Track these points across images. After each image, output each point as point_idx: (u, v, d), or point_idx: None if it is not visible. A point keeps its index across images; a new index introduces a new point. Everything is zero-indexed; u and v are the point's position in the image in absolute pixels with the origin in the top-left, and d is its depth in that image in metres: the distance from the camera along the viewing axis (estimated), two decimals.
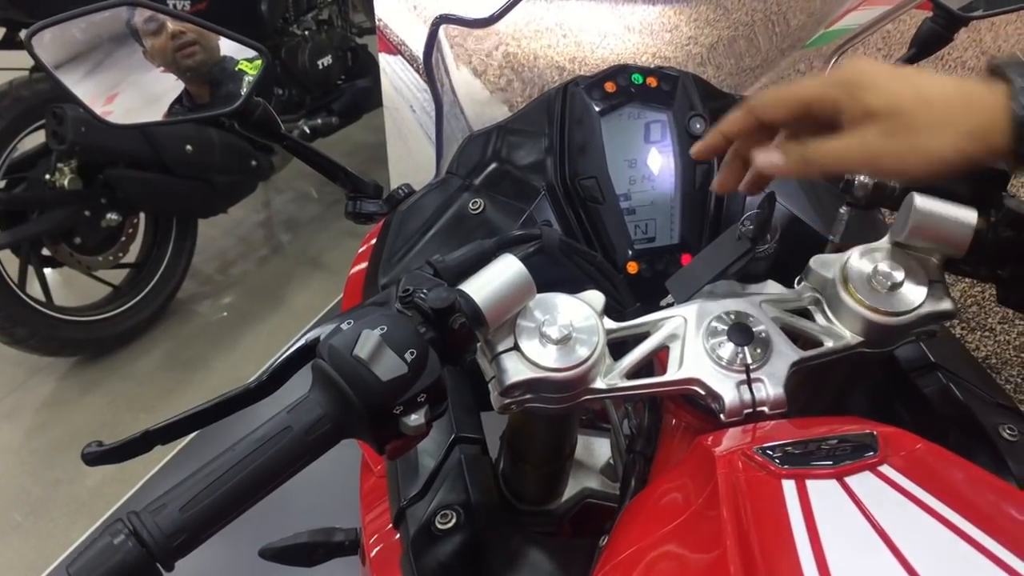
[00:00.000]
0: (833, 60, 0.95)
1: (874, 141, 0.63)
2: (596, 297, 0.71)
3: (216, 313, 2.99)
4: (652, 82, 0.91)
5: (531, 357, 0.66)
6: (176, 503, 0.55)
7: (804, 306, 0.75)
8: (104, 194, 2.55)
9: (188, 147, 2.58)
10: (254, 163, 2.83)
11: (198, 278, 3.10)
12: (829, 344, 0.71)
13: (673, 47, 1.92)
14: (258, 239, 3.37)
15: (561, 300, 0.69)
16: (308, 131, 3.11)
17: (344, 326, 0.63)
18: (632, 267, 0.88)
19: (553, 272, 0.78)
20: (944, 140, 0.61)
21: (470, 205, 0.91)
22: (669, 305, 0.76)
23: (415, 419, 0.60)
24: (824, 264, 0.74)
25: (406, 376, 0.58)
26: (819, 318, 0.74)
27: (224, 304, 3.03)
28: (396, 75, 2.69)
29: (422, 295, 0.65)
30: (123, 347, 2.76)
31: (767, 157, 0.69)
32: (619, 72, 0.91)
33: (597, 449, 0.93)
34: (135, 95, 1.19)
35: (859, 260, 0.73)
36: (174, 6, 2.68)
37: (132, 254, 2.80)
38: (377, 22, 2.64)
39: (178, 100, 1.14)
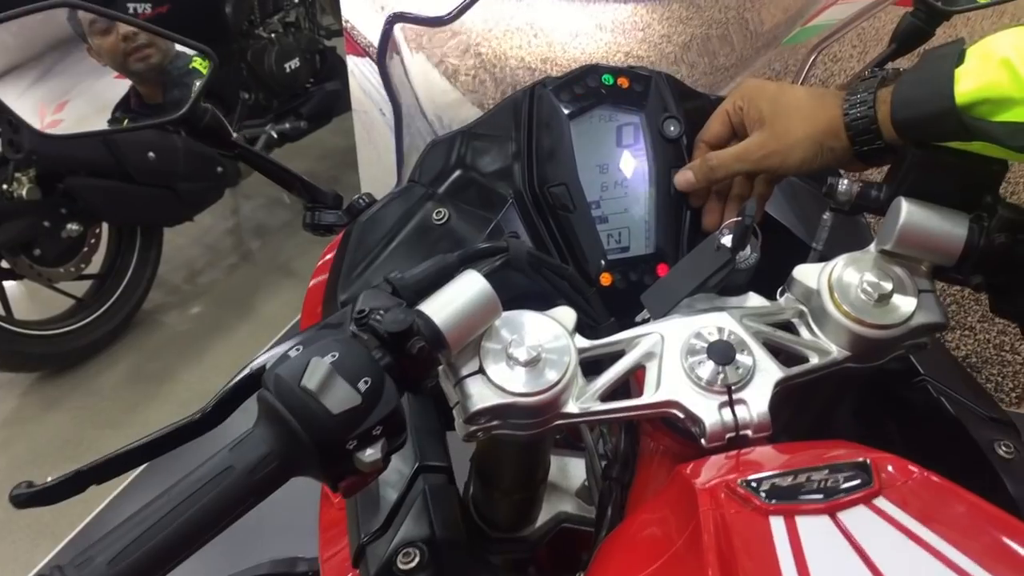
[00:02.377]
0: (812, 57, 0.91)
1: (762, 143, 0.78)
2: (567, 314, 0.67)
3: (183, 324, 2.92)
4: (623, 83, 0.86)
5: (497, 381, 0.61)
6: (104, 555, 0.50)
7: (787, 319, 0.71)
8: (64, 204, 2.47)
9: (151, 154, 2.51)
10: (220, 169, 2.76)
11: (164, 288, 3.02)
12: (815, 360, 0.67)
13: (646, 46, 1.89)
14: (226, 247, 3.29)
15: (529, 318, 0.65)
16: (275, 136, 3.05)
17: (292, 353, 0.58)
18: (605, 279, 0.84)
19: (520, 287, 0.74)
20: (805, 141, 0.76)
21: (434, 215, 0.87)
22: (645, 321, 0.72)
23: (371, 454, 0.55)
24: (808, 274, 0.71)
25: (359, 408, 0.54)
26: (804, 332, 0.70)
27: (192, 314, 2.96)
28: (365, 78, 2.63)
29: (378, 317, 0.60)
30: (87, 361, 2.69)
31: (680, 176, 0.84)
32: (588, 72, 0.86)
33: (572, 471, 0.88)
34: (83, 102, 1.13)
35: (844, 269, 0.69)
36: (134, 10, 2.61)
37: (95, 265, 2.72)
38: (344, 23, 2.57)
39: (124, 102, 1.09)
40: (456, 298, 0.62)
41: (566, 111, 0.85)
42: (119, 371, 2.69)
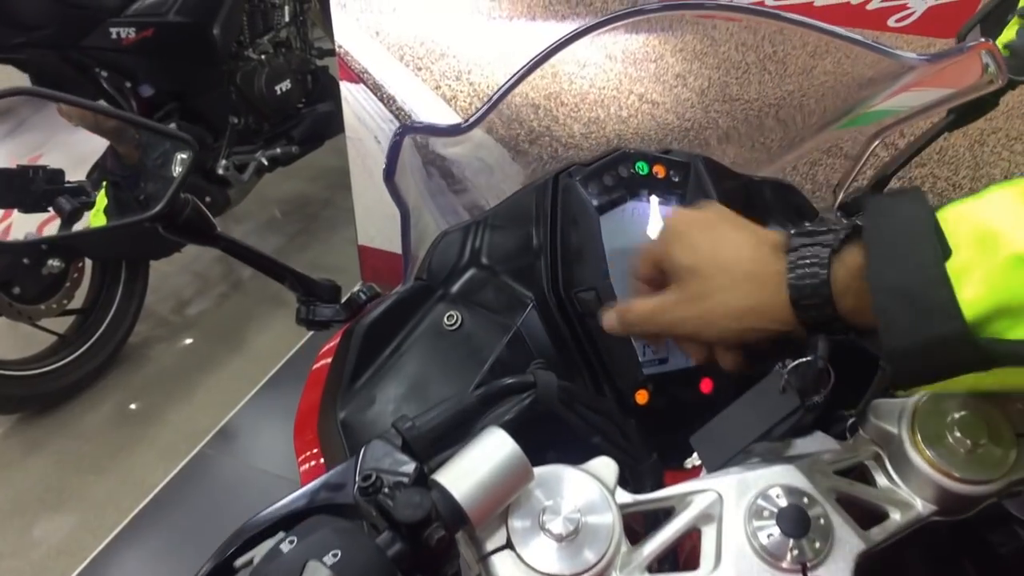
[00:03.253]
0: (873, 146, 0.82)
1: (674, 305, 0.62)
2: (606, 468, 0.57)
3: (171, 358, 2.80)
4: (659, 171, 0.77)
5: (529, 560, 0.52)
6: None
7: (861, 462, 0.62)
8: (44, 240, 2.35)
9: None
10: (208, 199, 2.65)
11: (151, 320, 2.91)
12: (896, 516, 0.58)
13: (661, 87, 1.79)
14: (216, 275, 3.18)
15: (566, 476, 0.55)
16: (266, 162, 2.93)
17: (284, 547, 0.48)
18: (641, 396, 0.74)
19: (548, 424, 0.64)
20: (731, 311, 0.59)
21: (445, 319, 0.76)
22: (695, 468, 0.62)
23: None
24: (886, 412, 0.61)
25: None
26: (880, 479, 0.61)
27: (180, 348, 2.85)
28: (359, 104, 2.54)
29: (387, 495, 0.50)
30: (70, 401, 2.57)
31: (605, 318, 0.68)
32: (621, 160, 0.76)
33: None
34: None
35: (930, 408, 0.59)
36: (117, 35, 2.50)
37: (78, 299, 2.61)
38: (337, 49, 2.48)
39: (101, 164, 0.99)
40: (480, 466, 0.52)
41: (595, 203, 0.75)
42: (104, 412, 2.58)
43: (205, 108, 2.78)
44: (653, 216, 0.75)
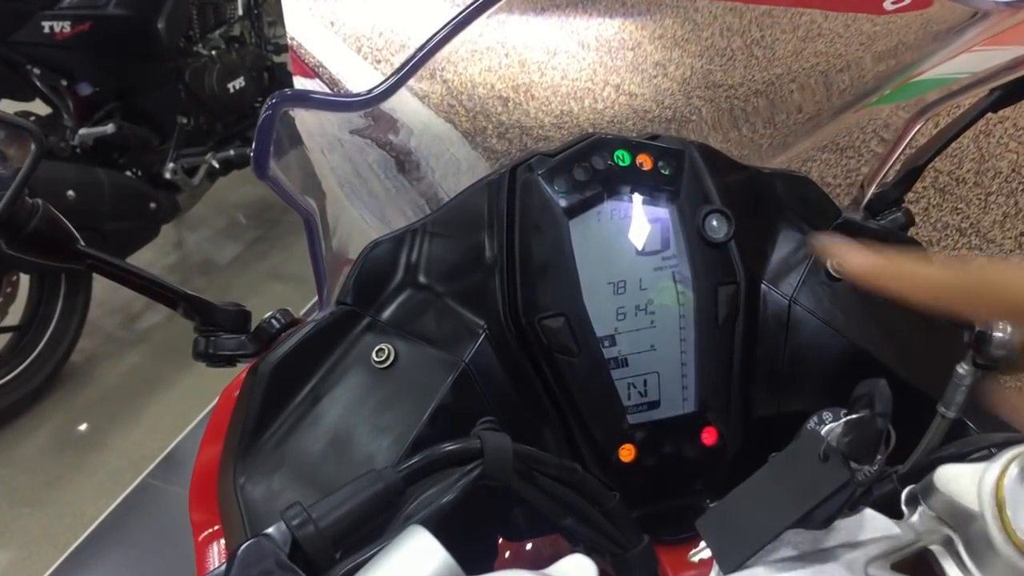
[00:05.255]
0: (918, 126, 0.65)
1: None
2: (582, 571, 0.41)
3: (117, 378, 2.60)
4: (644, 161, 0.60)
5: None
6: None
7: (924, 547, 0.46)
8: None
9: (70, 193, 2.20)
10: (153, 205, 2.46)
11: (96, 336, 2.71)
12: None
13: (640, 76, 1.63)
14: None
15: None
16: (217, 165, 2.74)
17: None
18: (627, 452, 0.58)
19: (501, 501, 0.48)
20: None
21: (374, 355, 0.60)
22: (704, 561, 0.46)
23: None
24: (957, 483, 0.45)
25: None
26: (951, 568, 0.45)
27: (126, 366, 2.65)
28: None
29: None
30: (4, 427, 2.36)
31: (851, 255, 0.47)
32: (595, 149, 0.59)
33: None
34: None
35: (1020, 475, 0.43)
36: (50, 29, 2.31)
37: (14, 315, 2.41)
38: (289, 41, 2.29)
39: None
40: None
41: (563, 204, 0.58)
42: (41, 437, 2.38)
43: (150, 108, 2.59)
44: (637, 220, 0.59)
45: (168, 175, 2.60)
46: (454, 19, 0.55)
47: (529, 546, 0.80)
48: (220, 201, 3.27)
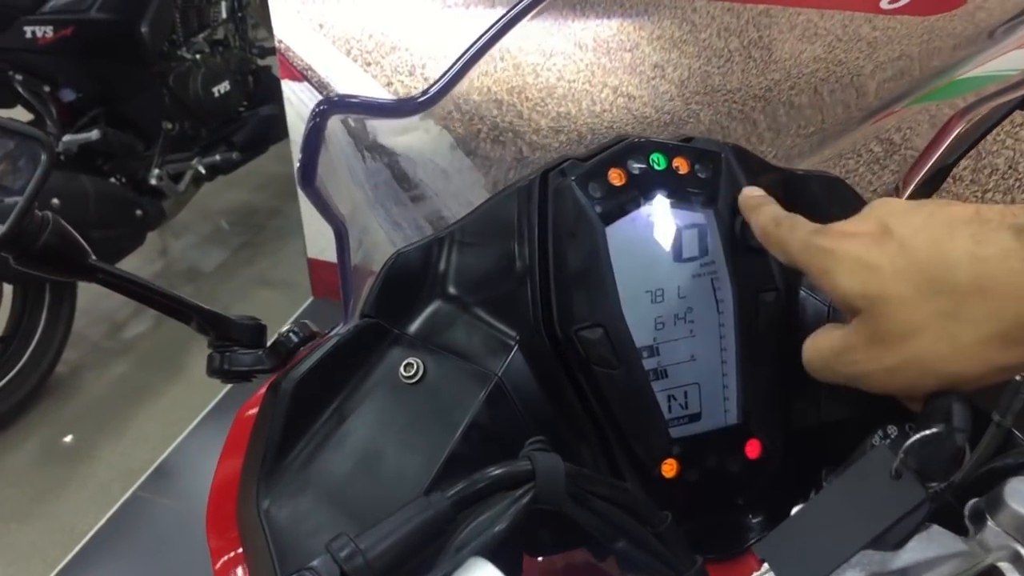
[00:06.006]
0: (959, 127, 0.63)
1: (864, 347, 0.45)
2: None
3: (103, 389, 2.55)
4: (681, 165, 0.58)
5: None
6: None
7: (992, 565, 0.44)
8: None
9: (55, 201, 2.16)
10: (139, 212, 2.42)
11: (81, 346, 2.65)
12: None
13: (638, 78, 1.60)
14: None
15: None
16: (203, 171, 2.70)
17: None
18: (669, 467, 0.55)
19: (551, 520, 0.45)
20: (962, 350, 0.42)
21: (402, 370, 0.57)
22: None
23: None
24: None
25: None
26: None
27: (113, 377, 2.60)
28: (304, 105, 2.32)
29: None
30: None
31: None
32: (630, 152, 0.57)
33: None
34: None
35: None
36: (32, 34, 2.27)
37: None
38: (277, 44, 2.26)
39: None
40: None
41: (598, 210, 0.56)
42: (28, 450, 2.33)
43: (135, 113, 2.55)
44: (675, 226, 0.56)
45: (153, 181, 2.56)
46: (497, 23, 0.53)
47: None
48: (205, 207, 3.22)
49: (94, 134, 2.35)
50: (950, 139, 0.64)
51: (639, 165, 0.57)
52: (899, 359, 0.42)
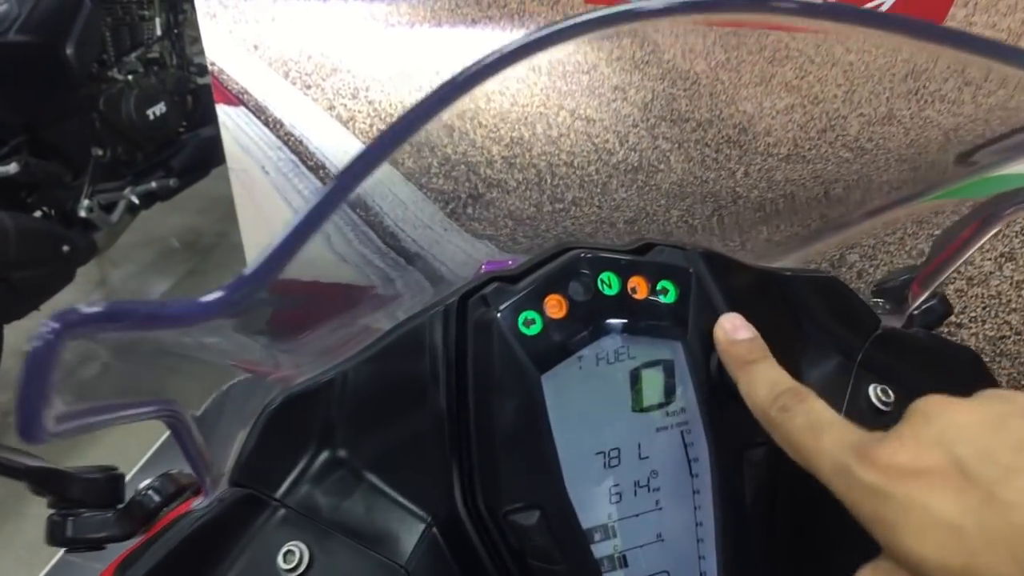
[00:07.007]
0: (997, 227, 0.50)
1: None
2: None
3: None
4: (638, 285, 0.45)
5: None
6: None
7: None
8: None
9: None
10: (66, 248, 2.24)
11: (10, 389, 2.47)
12: None
13: (597, 100, 1.48)
14: None
15: None
16: (137, 201, 2.53)
17: None
18: None
19: None
20: None
21: (281, 559, 0.43)
22: None
23: None
24: None
25: None
26: None
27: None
28: (240, 130, 2.17)
29: None
30: None
31: None
32: (572, 271, 0.44)
33: None
34: None
35: None
36: None
37: None
38: (210, 67, 2.11)
39: None
40: None
41: (532, 352, 0.43)
42: None
43: (61, 140, 2.36)
44: (631, 366, 0.43)
45: (83, 213, 2.38)
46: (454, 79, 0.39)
47: None
48: (146, 232, 3.04)
49: (12, 167, 2.16)
50: (983, 240, 0.51)
51: (584, 289, 0.44)
52: None
